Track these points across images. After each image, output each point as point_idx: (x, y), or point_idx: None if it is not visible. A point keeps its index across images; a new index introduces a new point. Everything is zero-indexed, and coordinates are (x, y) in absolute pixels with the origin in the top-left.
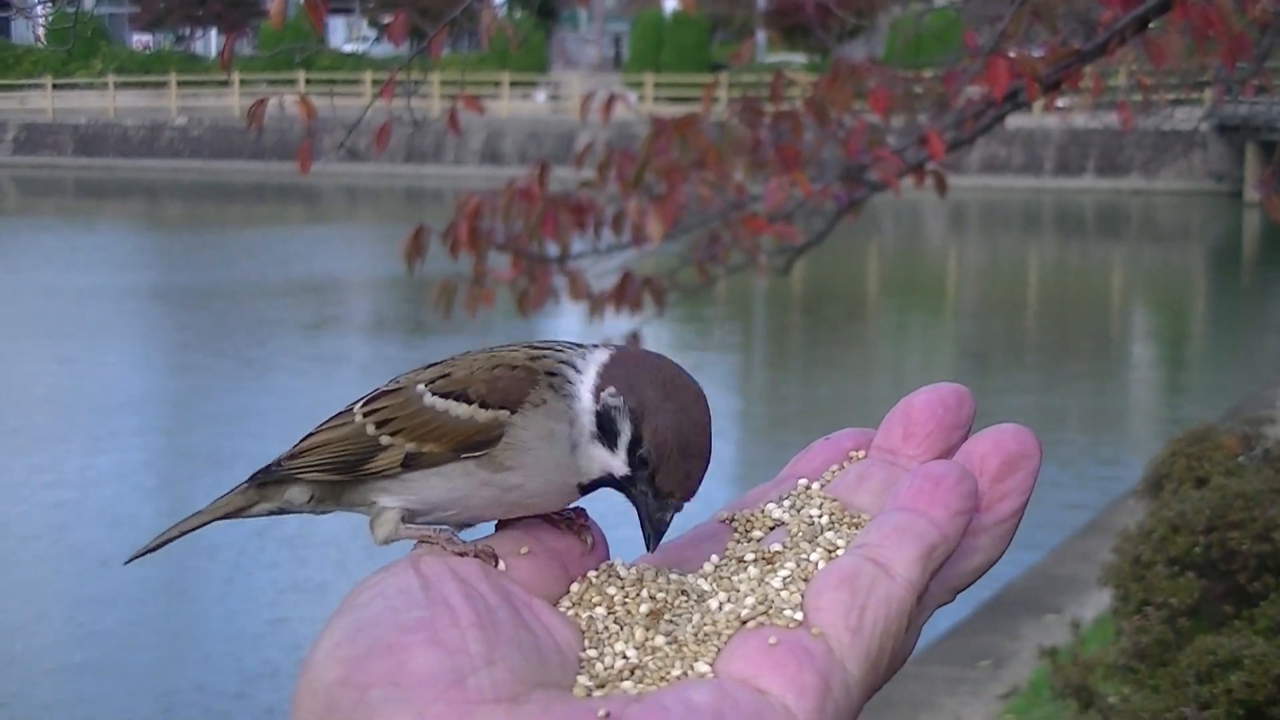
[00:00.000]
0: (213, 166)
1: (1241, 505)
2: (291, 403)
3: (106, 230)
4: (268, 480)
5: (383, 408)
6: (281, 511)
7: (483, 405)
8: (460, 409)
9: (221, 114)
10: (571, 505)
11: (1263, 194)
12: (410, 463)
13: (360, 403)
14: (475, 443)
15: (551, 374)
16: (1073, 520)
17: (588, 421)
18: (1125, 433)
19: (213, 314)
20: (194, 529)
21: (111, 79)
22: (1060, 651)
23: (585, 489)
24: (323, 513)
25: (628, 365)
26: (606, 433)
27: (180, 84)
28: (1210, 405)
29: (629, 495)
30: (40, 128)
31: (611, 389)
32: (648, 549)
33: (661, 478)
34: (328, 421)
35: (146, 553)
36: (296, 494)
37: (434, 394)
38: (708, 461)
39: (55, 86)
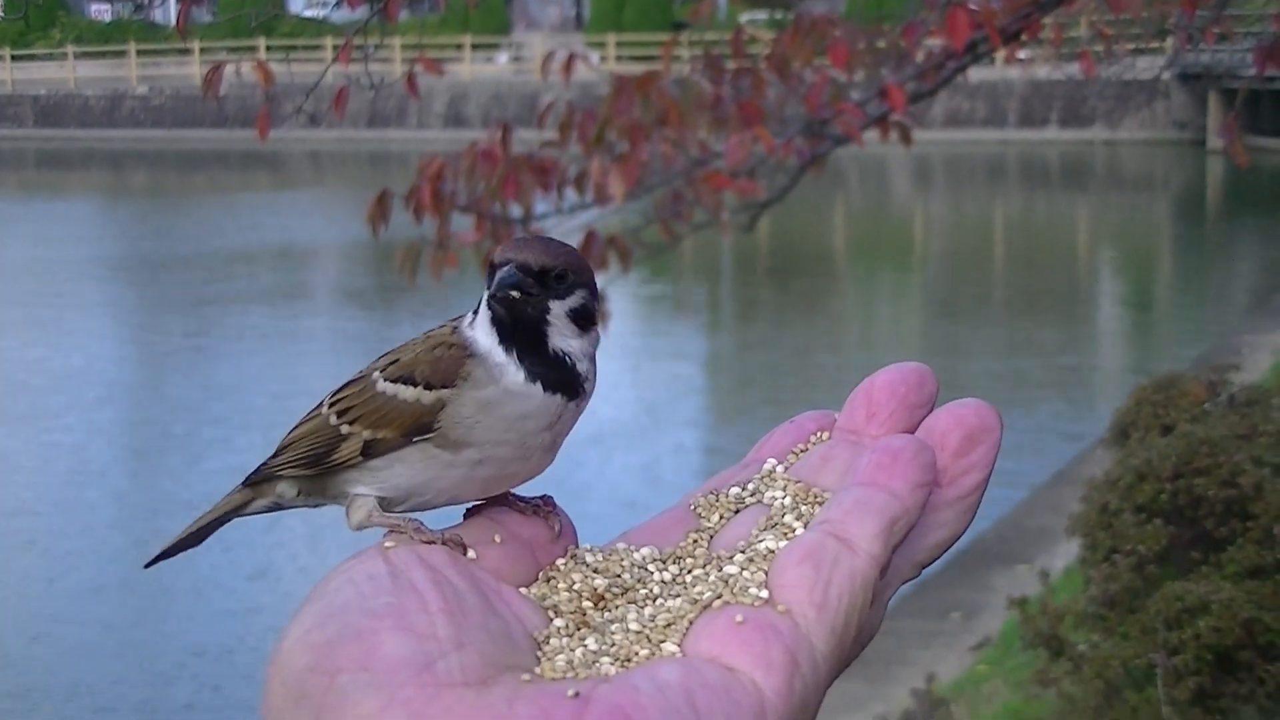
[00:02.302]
0: (175, 135)
1: (1207, 452)
2: (254, 373)
3: (68, 202)
4: (259, 480)
5: (344, 397)
6: (278, 507)
7: (427, 386)
8: (408, 392)
9: (183, 82)
10: (539, 495)
11: (1227, 140)
12: (369, 450)
13: (330, 395)
14: (424, 425)
15: (465, 345)
16: (1042, 471)
17: (492, 343)
18: (1093, 383)
19: (175, 284)
20: (204, 529)
21: (71, 49)
22: (1030, 601)
23: (558, 385)
24: (315, 506)
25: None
26: (479, 305)
27: (140, 53)
28: (1178, 354)
29: (494, 308)
30: (0, 99)
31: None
32: (498, 292)
33: (494, 256)
34: (305, 416)
35: (162, 559)
36: (286, 489)
37: (385, 380)
38: (538, 240)
39: (14, 58)
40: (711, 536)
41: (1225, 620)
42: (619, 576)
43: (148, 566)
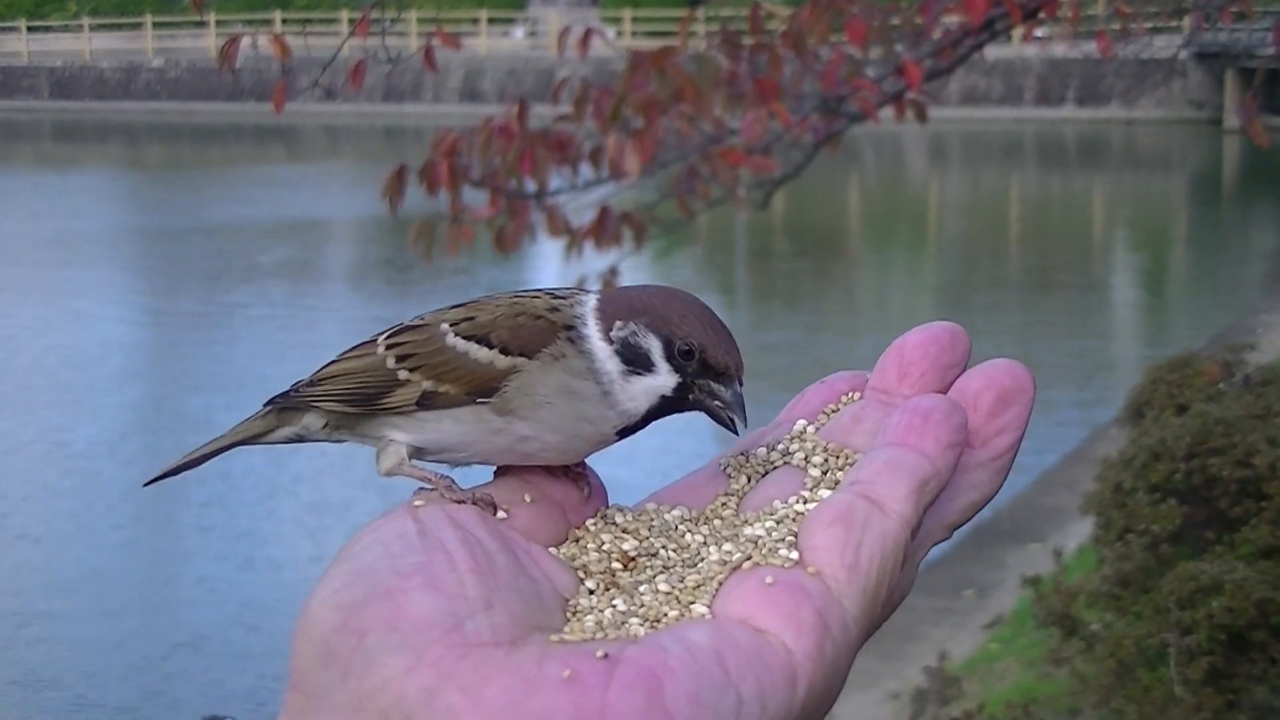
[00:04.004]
0: (190, 108)
1: (1222, 431)
2: (266, 348)
3: (83, 174)
4: (286, 406)
5: (406, 342)
6: (299, 439)
7: (504, 351)
8: (481, 352)
9: (198, 55)
10: None
11: (1244, 118)
12: (426, 401)
13: (384, 334)
14: (491, 388)
15: (569, 327)
16: (1056, 449)
17: (614, 366)
18: (1107, 362)
19: (187, 257)
20: (215, 453)
21: (86, 21)
22: (1043, 580)
23: (626, 432)
24: (338, 441)
25: (616, 298)
26: (637, 359)
27: (156, 25)
28: (1193, 334)
29: (689, 405)
30: (15, 71)
31: (618, 323)
32: (741, 430)
33: (712, 357)
34: (350, 351)
35: (168, 475)
36: (313, 421)
37: (457, 335)
38: (732, 336)
39: (30, 29)
40: (741, 497)
41: (1238, 600)
42: (649, 538)
43: (147, 485)
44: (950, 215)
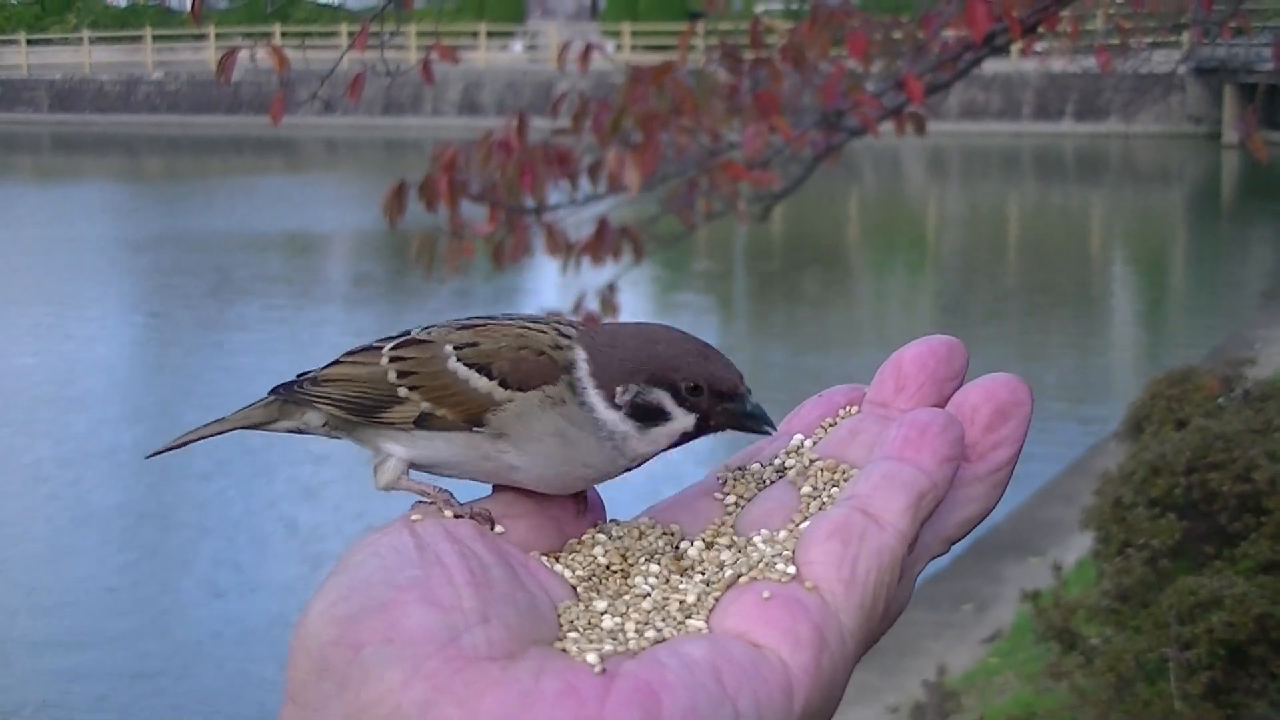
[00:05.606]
0: (190, 121)
1: (1222, 446)
2: (264, 361)
3: (82, 186)
4: (289, 399)
5: (409, 358)
6: (300, 431)
7: (502, 384)
8: (480, 382)
9: (198, 68)
10: None
11: (1243, 133)
12: (423, 422)
13: (391, 344)
14: (487, 418)
15: (569, 369)
16: (1055, 464)
17: (627, 426)
18: (1106, 376)
19: (186, 270)
20: (215, 434)
21: (86, 34)
22: (1042, 594)
23: (632, 466)
24: (335, 438)
25: (606, 355)
26: (650, 414)
27: (156, 38)
28: (1192, 348)
29: (708, 430)
30: (15, 84)
31: (619, 389)
32: (773, 430)
33: (718, 385)
34: (355, 352)
35: (167, 450)
36: (314, 418)
37: (459, 360)
38: (720, 353)
39: (30, 42)
40: (738, 511)
41: (1238, 615)
42: (645, 552)
43: (149, 457)
44: (949, 229)
